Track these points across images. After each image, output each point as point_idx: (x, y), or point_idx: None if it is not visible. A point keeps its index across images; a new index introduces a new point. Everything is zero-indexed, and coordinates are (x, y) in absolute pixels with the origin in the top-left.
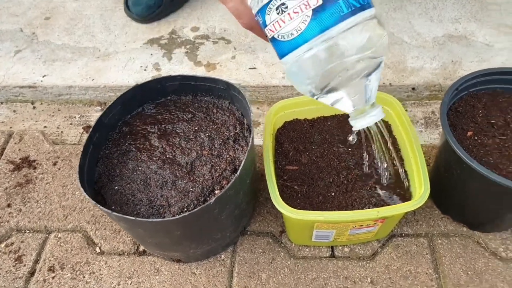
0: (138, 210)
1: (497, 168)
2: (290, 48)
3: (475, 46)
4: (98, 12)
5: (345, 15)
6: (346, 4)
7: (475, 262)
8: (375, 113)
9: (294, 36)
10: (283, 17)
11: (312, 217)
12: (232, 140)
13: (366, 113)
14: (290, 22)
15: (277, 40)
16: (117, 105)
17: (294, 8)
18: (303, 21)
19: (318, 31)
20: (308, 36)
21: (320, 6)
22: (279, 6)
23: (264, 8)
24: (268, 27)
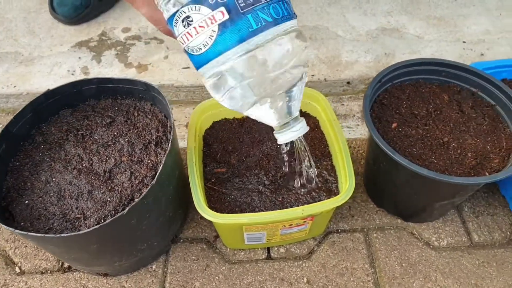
0: (50, 225)
1: (420, 158)
2: (201, 62)
3: (407, 38)
4: (21, 14)
5: (254, 31)
6: (256, 20)
7: (410, 253)
8: (298, 127)
9: (202, 51)
10: (190, 30)
11: (235, 220)
12: (154, 144)
13: (289, 127)
14: (197, 37)
15: (188, 53)
16: (27, 112)
17: (199, 22)
18: (210, 36)
19: (226, 47)
20: (215, 52)
21: (227, 21)
22: (185, 19)
23: (171, 19)
24: (178, 38)
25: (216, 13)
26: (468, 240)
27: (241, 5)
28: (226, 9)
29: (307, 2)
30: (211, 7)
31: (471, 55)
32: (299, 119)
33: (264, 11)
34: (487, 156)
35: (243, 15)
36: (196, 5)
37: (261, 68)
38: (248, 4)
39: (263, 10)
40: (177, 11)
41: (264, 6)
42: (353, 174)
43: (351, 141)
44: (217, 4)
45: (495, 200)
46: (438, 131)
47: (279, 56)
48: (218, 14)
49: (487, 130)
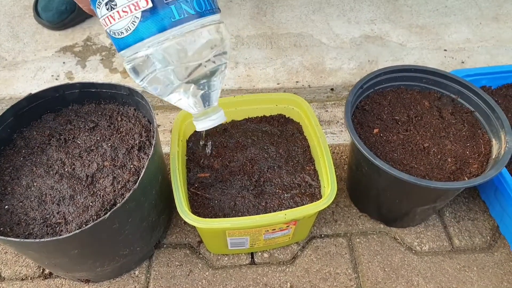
0: (31, 230)
1: (401, 163)
2: (121, 45)
3: (390, 46)
4: (5, 19)
5: (177, 21)
6: (179, 11)
7: (392, 258)
8: (216, 117)
9: (124, 35)
10: (113, 14)
11: (218, 225)
12: (137, 149)
13: (207, 116)
14: (120, 21)
15: (110, 35)
16: (8, 117)
17: (123, 7)
18: (132, 21)
19: (147, 34)
20: (137, 37)
21: (150, 9)
22: (108, 2)
23: (94, 1)
24: (100, 20)
25: (140, 1)
26: (450, 245)
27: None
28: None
29: (292, 10)
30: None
31: (452, 63)
32: (218, 109)
33: (187, 4)
34: (467, 161)
35: (166, 5)
36: None
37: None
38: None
39: (187, 2)
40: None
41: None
42: (335, 179)
43: (334, 147)
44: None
45: (475, 205)
46: (419, 137)
47: (198, 46)
48: (142, 1)
49: (467, 136)
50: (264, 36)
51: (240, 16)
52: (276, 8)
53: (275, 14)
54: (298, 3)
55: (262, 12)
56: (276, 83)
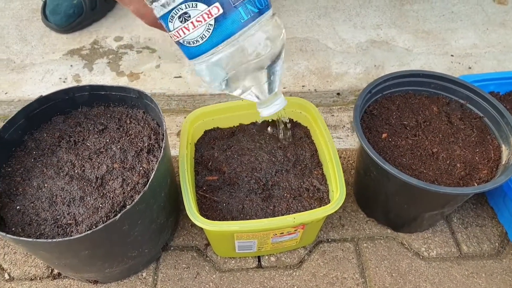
0: (42, 231)
1: (410, 168)
2: (197, 53)
3: (396, 51)
4: (14, 22)
5: (245, 22)
6: (246, 11)
7: (399, 263)
8: (279, 102)
9: (199, 43)
10: (187, 25)
11: (227, 228)
12: (146, 151)
13: (270, 102)
14: (194, 30)
15: (183, 45)
16: (19, 118)
17: (197, 17)
18: (207, 29)
19: (222, 38)
20: (213, 42)
21: (222, 14)
22: (182, 15)
23: (166, 16)
24: (172, 32)
25: (212, 8)
26: (457, 251)
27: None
28: (220, 4)
29: (298, 15)
30: (207, 3)
31: (459, 68)
32: (279, 94)
33: (251, 3)
34: (476, 167)
35: (235, 8)
36: (193, 2)
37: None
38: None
39: (251, 2)
40: (174, 8)
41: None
42: (344, 183)
43: (341, 151)
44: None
45: (483, 211)
46: (428, 142)
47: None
48: (214, 9)
49: (476, 141)
50: None
51: None
52: (282, 13)
53: (281, 18)
54: (304, 8)
55: None
56: (282, 87)
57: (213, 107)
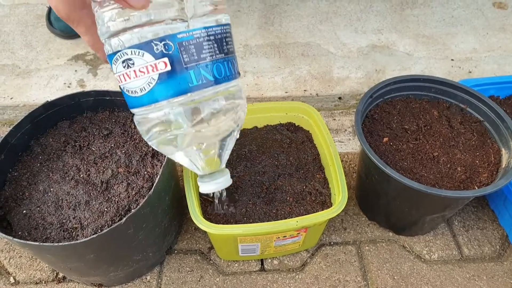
0: (48, 235)
1: (411, 172)
2: (133, 104)
3: (397, 55)
4: (19, 28)
5: (194, 87)
6: (197, 76)
7: (401, 266)
8: (222, 180)
9: (138, 95)
10: (129, 72)
11: (230, 231)
12: (151, 156)
13: (213, 178)
14: (135, 80)
15: (124, 92)
16: (26, 124)
17: (140, 67)
18: (148, 82)
19: (163, 96)
20: (152, 98)
21: (168, 72)
22: (126, 60)
23: (111, 56)
24: (115, 75)
25: (159, 63)
26: (459, 254)
27: (185, 60)
28: (169, 60)
29: (299, 20)
30: (155, 56)
31: (459, 72)
32: (225, 171)
33: (206, 69)
34: (476, 171)
35: (185, 69)
36: (140, 51)
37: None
38: (193, 60)
39: (206, 68)
40: (119, 51)
41: (208, 64)
42: (346, 186)
43: (343, 155)
44: (162, 54)
45: (484, 214)
46: (428, 146)
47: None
48: (160, 64)
49: (476, 145)
50: (272, 45)
51: (249, 26)
52: (283, 18)
53: (283, 23)
54: (305, 13)
55: (270, 22)
56: (284, 91)
57: None
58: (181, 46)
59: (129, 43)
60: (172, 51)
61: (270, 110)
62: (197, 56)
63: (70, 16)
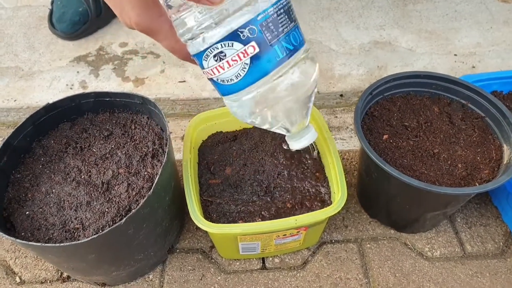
0: (50, 235)
1: (411, 169)
2: (231, 91)
3: (399, 52)
4: (22, 30)
5: (281, 60)
6: (281, 49)
7: (403, 263)
8: (309, 135)
9: (234, 82)
10: (222, 64)
11: (230, 230)
12: (151, 156)
13: (301, 135)
14: (229, 69)
15: (217, 83)
16: (28, 126)
17: (232, 57)
18: (242, 68)
19: (257, 76)
20: (248, 81)
21: (257, 53)
22: (217, 54)
23: (201, 54)
24: (206, 70)
25: (248, 47)
26: (461, 251)
27: (268, 38)
28: (256, 42)
29: (300, 17)
30: (243, 42)
31: (463, 68)
32: (310, 127)
33: (286, 40)
34: (477, 167)
35: (271, 46)
36: (229, 42)
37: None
38: (274, 36)
39: (286, 39)
40: (209, 47)
41: (286, 36)
42: (345, 184)
43: (344, 153)
44: (249, 39)
45: (487, 210)
46: (429, 143)
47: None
48: (250, 48)
49: (477, 141)
50: None
51: None
52: None
53: None
54: (306, 10)
55: None
56: None
57: (216, 111)
58: (262, 26)
59: (217, 38)
60: (256, 34)
61: None
62: (276, 32)
63: (152, 27)
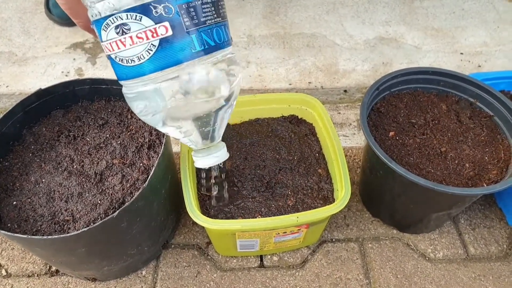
0: (38, 227)
1: (417, 168)
2: (130, 74)
3: (405, 48)
4: (17, 14)
5: (197, 52)
6: (199, 41)
7: (405, 264)
8: (219, 154)
9: (134, 64)
10: (124, 39)
11: (228, 226)
12: (147, 147)
13: (209, 152)
14: (132, 47)
15: (115, 61)
16: (18, 112)
17: (138, 33)
18: (147, 49)
19: (164, 64)
20: (152, 67)
21: (170, 37)
22: (120, 26)
23: (100, 22)
24: (104, 43)
25: (159, 27)
26: (464, 253)
27: (186, 24)
28: (170, 24)
29: (305, 10)
30: (155, 20)
31: (469, 67)
32: (221, 145)
33: (208, 34)
34: (485, 167)
35: (187, 34)
36: (138, 14)
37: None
38: (193, 23)
39: (207, 32)
40: (112, 15)
41: (208, 28)
42: (349, 182)
43: (347, 150)
44: (161, 17)
45: (491, 212)
46: (436, 141)
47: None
48: (161, 28)
49: (485, 141)
50: (276, 35)
51: (253, 15)
52: (289, 8)
53: (288, 14)
54: (311, 3)
55: (275, 12)
56: (288, 83)
57: None
58: (181, 8)
59: (123, 5)
60: (173, 14)
61: (272, 102)
62: (197, 20)
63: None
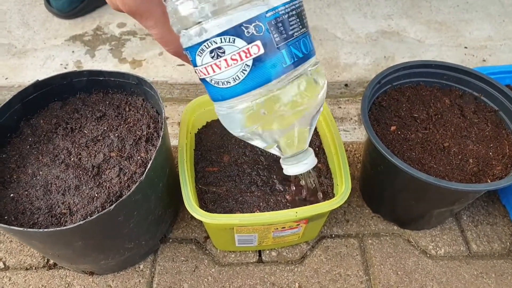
0: (35, 220)
1: (419, 163)
2: (225, 96)
3: (407, 42)
4: (16, 6)
5: (287, 67)
6: (289, 55)
7: (405, 261)
8: (308, 160)
9: (230, 85)
10: (219, 62)
11: (226, 221)
12: (145, 140)
13: (298, 160)
14: (227, 70)
15: (210, 84)
16: (15, 103)
17: (232, 55)
18: (242, 70)
19: (258, 83)
20: (247, 87)
21: (262, 55)
22: (215, 50)
23: (195, 48)
24: (199, 68)
25: (252, 47)
26: (467, 250)
27: (276, 40)
28: (262, 42)
29: (306, 3)
30: (247, 40)
31: (473, 61)
32: (309, 151)
33: (296, 46)
34: (489, 163)
35: (278, 50)
36: (231, 37)
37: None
38: (282, 38)
39: (295, 45)
40: (206, 40)
41: (295, 41)
42: (350, 177)
43: (347, 145)
44: (253, 37)
45: (495, 209)
46: (439, 136)
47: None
48: (253, 47)
49: (490, 136)
50: None
51: None
52: None
53: None
54: None
55: None
56: None
57: None
58: (271, 25)
59: (217, 30)
60: (263, 32)
61: None
62: (285, 34)
63: (141, 9)
